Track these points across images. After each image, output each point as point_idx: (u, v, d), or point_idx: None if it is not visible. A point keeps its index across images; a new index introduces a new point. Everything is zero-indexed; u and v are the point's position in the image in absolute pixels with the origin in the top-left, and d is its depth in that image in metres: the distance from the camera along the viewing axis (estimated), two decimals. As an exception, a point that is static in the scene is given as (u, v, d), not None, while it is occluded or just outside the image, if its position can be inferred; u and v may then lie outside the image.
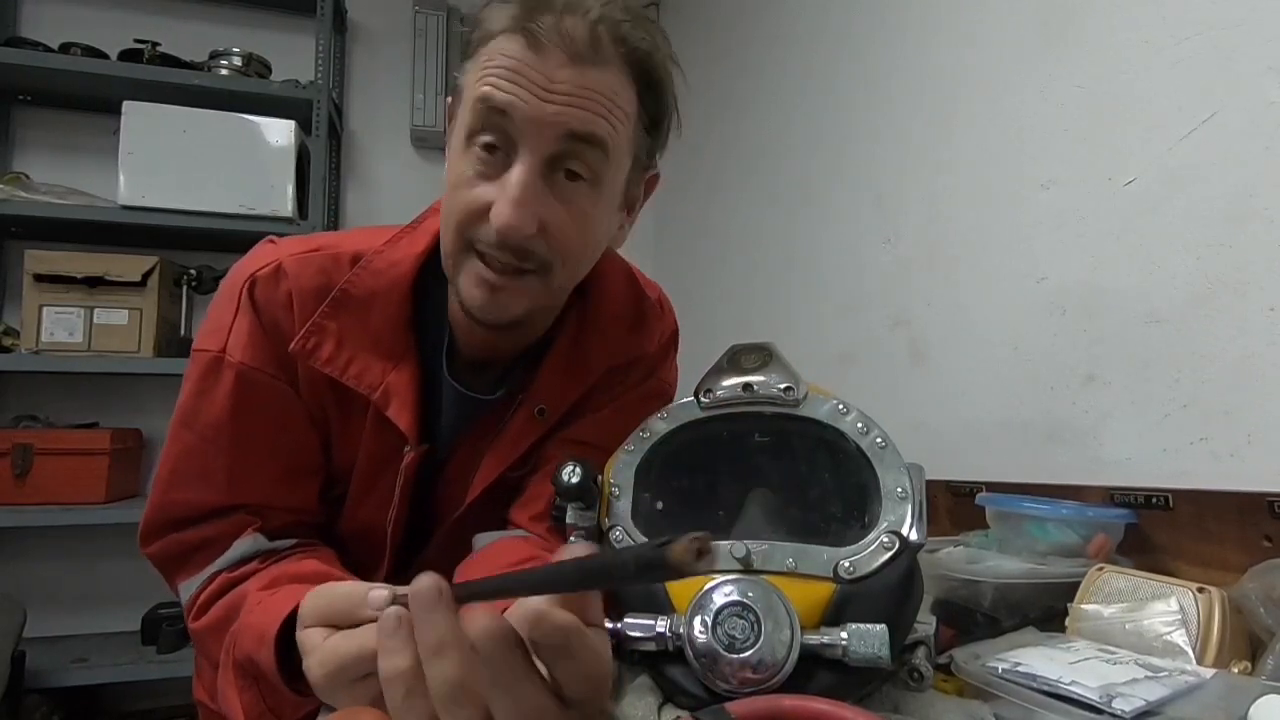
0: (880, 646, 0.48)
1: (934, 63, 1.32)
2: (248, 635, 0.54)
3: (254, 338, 0.66)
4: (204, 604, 0.65)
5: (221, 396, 0.65)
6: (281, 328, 0.66)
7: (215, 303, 0.69)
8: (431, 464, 0.74)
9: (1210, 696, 0.54)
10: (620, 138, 0.61)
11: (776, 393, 0.58)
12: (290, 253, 0.68)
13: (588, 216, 0.63)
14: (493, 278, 0.62)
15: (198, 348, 0.68)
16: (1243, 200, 0.81)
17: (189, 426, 0.67)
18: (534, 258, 0.61)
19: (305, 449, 0.70)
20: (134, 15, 2.30)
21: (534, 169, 0.58)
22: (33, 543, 2.11)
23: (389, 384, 0.67)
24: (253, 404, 0.66)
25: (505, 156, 0.59)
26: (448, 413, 0.73)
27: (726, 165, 2.11)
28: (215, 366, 0.66)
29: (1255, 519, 0.74)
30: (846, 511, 0.57)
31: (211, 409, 0.66)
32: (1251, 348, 0.80)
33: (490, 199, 0.59)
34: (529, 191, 0.58)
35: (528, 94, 0.57)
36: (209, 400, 0.66)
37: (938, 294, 1.28)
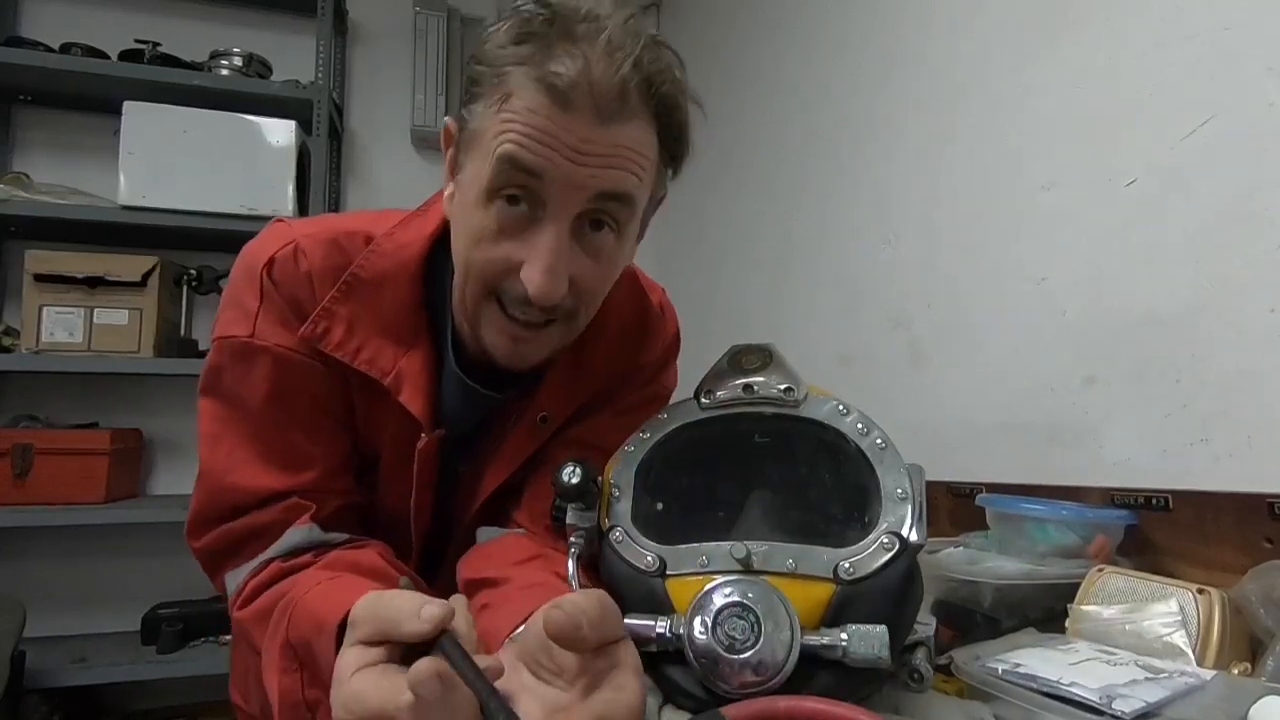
0: (880, 647, 0.48)
1: (934, 63, 1.32)
2: (305, 620, 0.52)
3: (282, 320, 0.65)
4: (252, 591, 0.62)
5: (260, 379, 0.64)
6: (305, 309, 0.65)
7: (232, 286, 0.68)
8: (453, 456, 0.74)
9: (1210, 698, 0.54)
10: (645, 187, 0.61)
11: (777, 393, 0.58)
12: (304, 233, 0.67)
13: (613, 264, 0.63)
14: (519, 332, 0.62)
15: (223, 335, 0.66)
16: (1243, 201, 0.81)
17: (230, 407, 0.66)
18: (560, 309, 0.62)
19: (345, 431, 0.70)
20: (134, 15, 2.29)
21: (565, 230, 0.57)
22: (33, 543, 2.11)
23: (401, 369, 0.66)
24: (293, 385, 0.65)
25: (531, 213, 0.58)
26: (452, 403, 0.72)
27: (726, 166, 2.11)
28: (247, 352, 0.65)
29: (1255, 520, 0.74)
30: (846, 512, 0.57)
31: (251, 392, 0.65)
32: (1251, 349, 0.80)
33: (518, 258, 0.58)
34: (562, 256, 0.57)
35: (559, 157, 0.55)
36: (249, 386, 0.65)
37: (938, 294, 1.28)
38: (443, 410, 0.72)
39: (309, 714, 0.53)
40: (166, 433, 2.25)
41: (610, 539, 0.58)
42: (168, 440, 2.25)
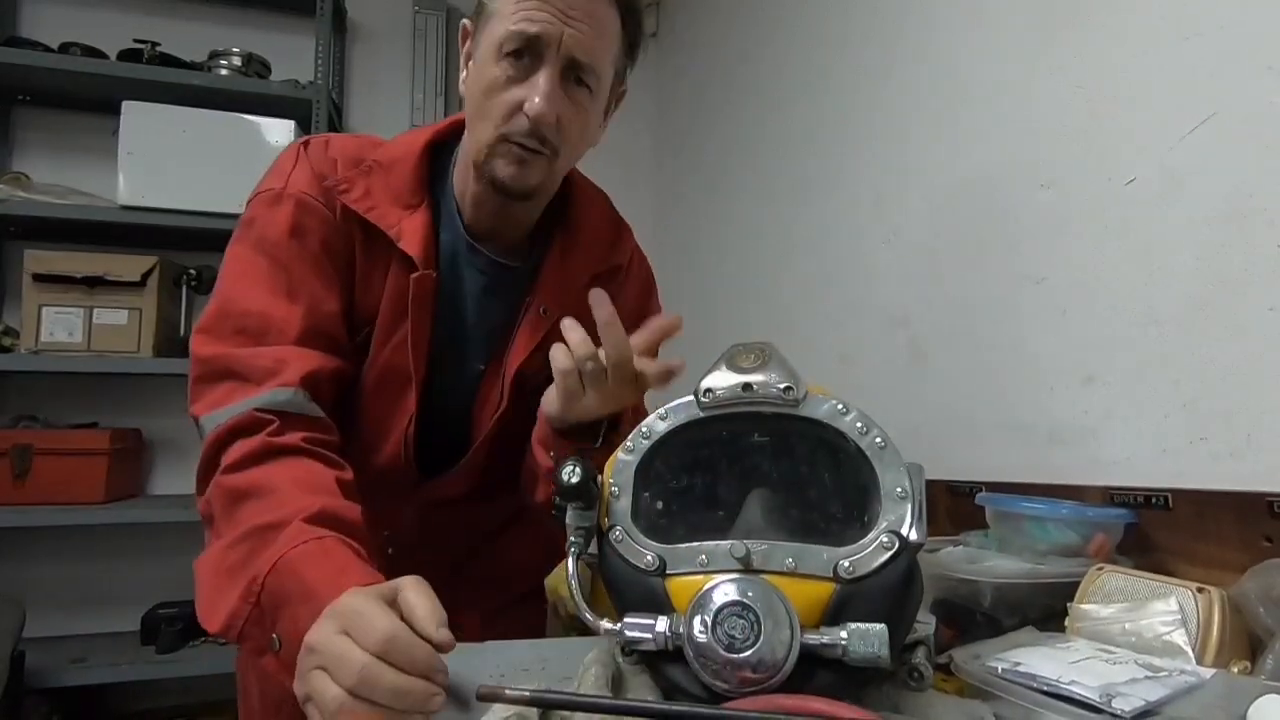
0: (880, 646, 0.48)
1: (933, 63, 1.32)
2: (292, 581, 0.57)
3: (309, 178, 0.80)
4: (240, 460, 0.67)
5: (283, 217, 0.78)
6: (328, 177, 0.81)
7: (275, 162, 0.84)
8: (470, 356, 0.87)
9: (1210, 696, 0.54)
10: (609, 56, 0.80)
11: (776, 392, 0.58)
12: (336, 136, 0.86)
13: (587, 115, 0.80)
14: (524, 155, 0.78)
15: (259, 190, 0.81)
16: (1242, 200, 0.81)
17: (253, 246, 0.78)
18: (549, 144, 0.78)
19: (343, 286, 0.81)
20: (133, 15, 2.29)
21: (556, 75, 0.76)
22: (32, 543, 2.11)
23: (403, 225, 0.81)
24: (309, 225, 0.79)
25: (531, 65, 0.76)
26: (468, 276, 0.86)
27: (726, 166, 2.11)
28: (277, 198, 0.79)
29: (1255, 519, 0.74)
30: (846, 511, 0.57)
31: (274, 228, 0.78)
32: (1251, 348, 0.80)
33: (522, 98, 0.76)
34: (555, 91, 0.75)
35: (552, 19, 0.74)
36: (271, 223, 0.78)
37: (938, 294, 1.28)
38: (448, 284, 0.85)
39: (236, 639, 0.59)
40: (166, 432, 2.25)
41: (610, 538, 0.58)
42: (167, 440, 2.25)
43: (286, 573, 0.58)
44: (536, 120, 0.75)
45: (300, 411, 0.73)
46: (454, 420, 0.88)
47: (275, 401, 0.71)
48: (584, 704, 0.47)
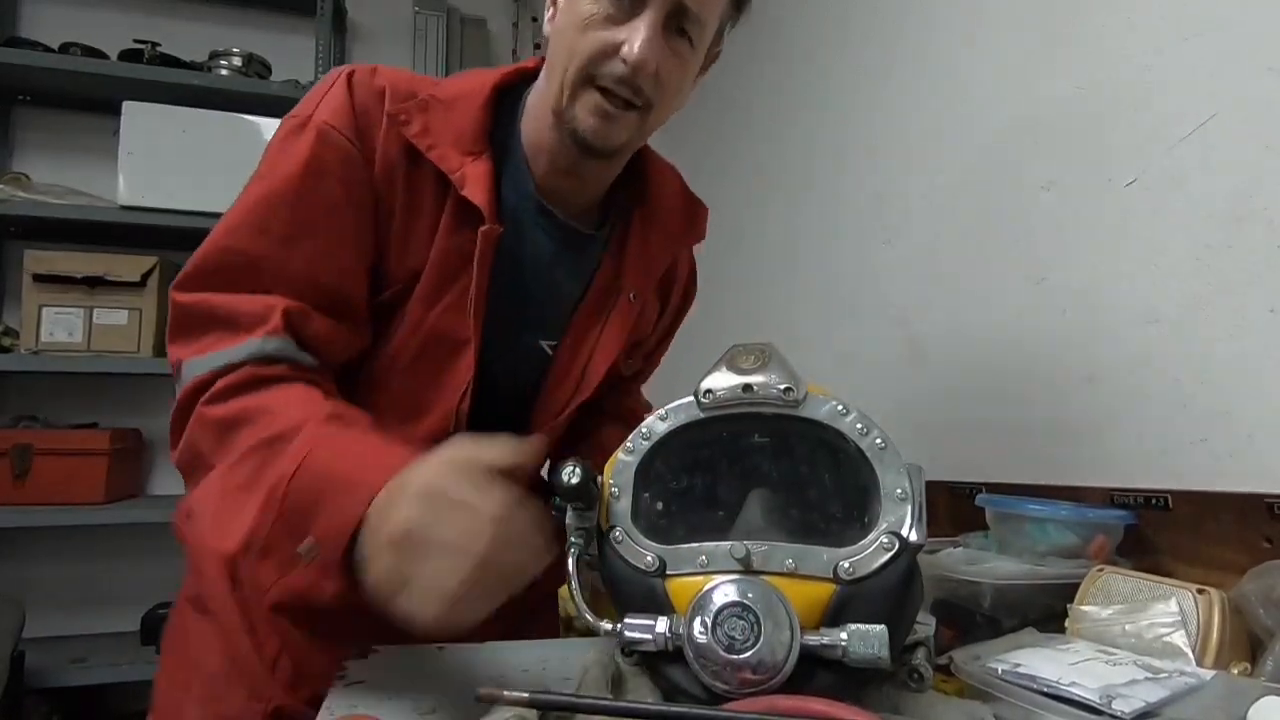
0: (880, 647, 0.48)
1: (934, 62, 1.32)
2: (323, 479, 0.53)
3: (343, 108, 0.70)
4: (223, 391, 0.62)
5: (300, 149, 0.68)
6: (370, 114, 0.70)
7: (311, 91, 0.73)
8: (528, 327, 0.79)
9: (1210, 698, 0.54)
10: (719, 8, 0.73)
11: (776, 393, 0.58)
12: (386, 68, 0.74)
13: (687, 69, 0.73)
14: (610, 109, 0.70)
15: (287, 118, 0.71)
16: (1243, 201, 0.81)
17: (263, 178, 0.69)
18: (643, 95, 0.70)
19: (363, 237, 0.71)
20: (134, 15, 2.30)
21: (660, 21, 0.68)
22: (32, 543, 2.11)
23: (467, 170, 0.71)
24: (327, 161, 0.68)
25: (633, 7, 0.68)
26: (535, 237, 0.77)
27: (725, 165, 2.11)
28: (300, 127, 0.69)
29: (1255, 520, 0.74)
30: (846, 512, 0.57)
31: (288, 162, 0.68)
32: (1251, 348, 0.80)
33: (619, 40, 0.68)
34: (658, 38, 0.68)
35: None
36: (287, 155, 0.68)
37: (938, 294, 1.28)
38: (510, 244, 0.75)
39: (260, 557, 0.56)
40: (166, 433, 2.23)
41: (610, 539, 0.58)
42: (167, 440, 2.25)
43: (316, 471, 0.54)
44: (635, 67, 0.67)
45: (295, 359, 0.66)
46: (506, 398, 0.79)
47: (264, 351, 0.64)
48: (583, 705, 0.47)
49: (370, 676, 0.63)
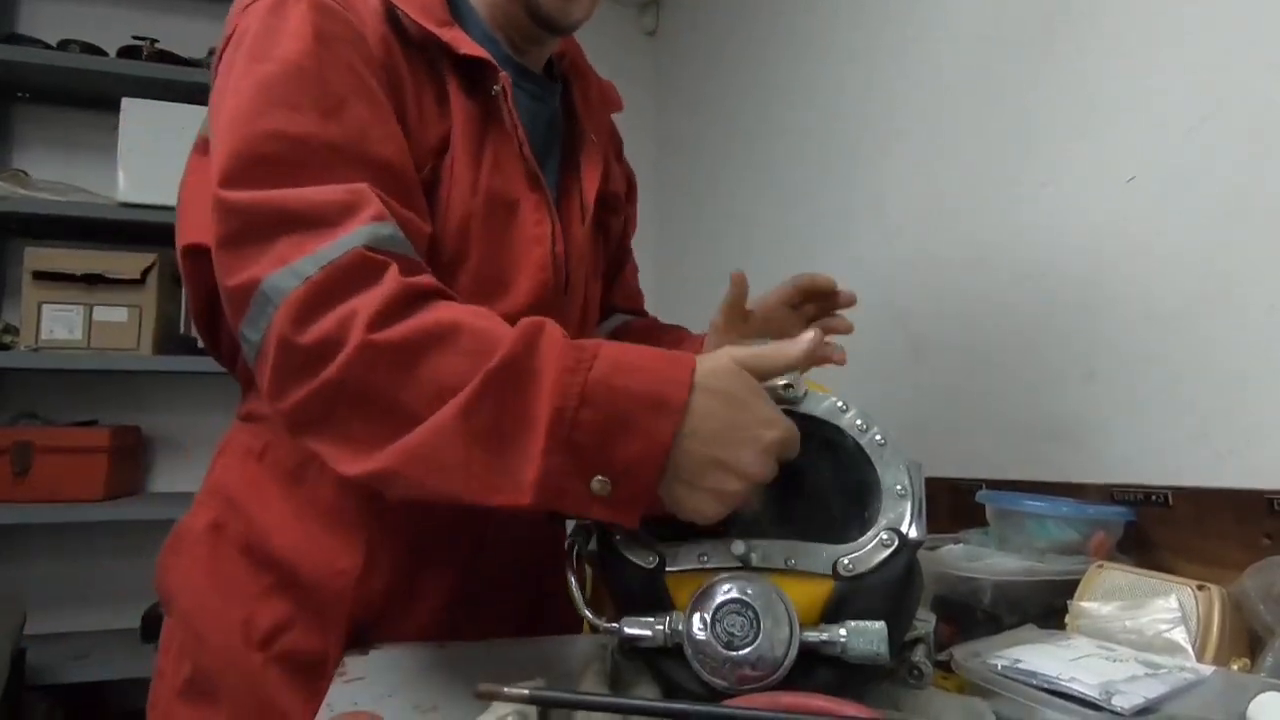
0: (879, 644, 0.48)
1: (934, 61, 1.32)
2: (621, 400, 0.48)
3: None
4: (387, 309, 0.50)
5: (296, 22, 0.59)
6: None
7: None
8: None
9: (1210, 693, 0.54)
10: None
11: (776, 390, 0.58)
12: None
13: None
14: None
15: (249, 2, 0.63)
16: (1243, 198, 0.81)
17: (262, 60, 0.58)
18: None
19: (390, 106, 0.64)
20: (132, 12, 2.29)
21: None
22: (32, 540, 2.11)
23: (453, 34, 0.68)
24: (335, 30, 0.61)
25: None
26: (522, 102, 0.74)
27: (725, 165, 2.11)
28: (280, 3, 0.61)
29: (1255, 516, 0.74)
30: (846, 509, 0.57)
31: (286, 36, 0.59)
32: (1251, 346, 0.80)
33: None
34: None
35: None
36: (281, 32, 0.59)
37: (938, 292, 1.28)
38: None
39: (556, 501, 0.49)
40: (166, 430, 2.25)
41: (610, 535, 0.57)
42: (167, 437, 2.25)
43: (605, 395, 0.48)
44: None
45: (410, 254, 0.56)
46: None
47: (381, 237, 0.54)
48: (583, 702, 0.47)
49: (370, 674, 0.63)
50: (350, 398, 0.51)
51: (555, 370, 0.49)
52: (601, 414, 0.48)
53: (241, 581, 0.70)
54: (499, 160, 0.71)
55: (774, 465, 0.52)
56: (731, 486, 0.51)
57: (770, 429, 0.52)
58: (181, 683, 0.71)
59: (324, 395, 0.51)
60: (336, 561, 0.69)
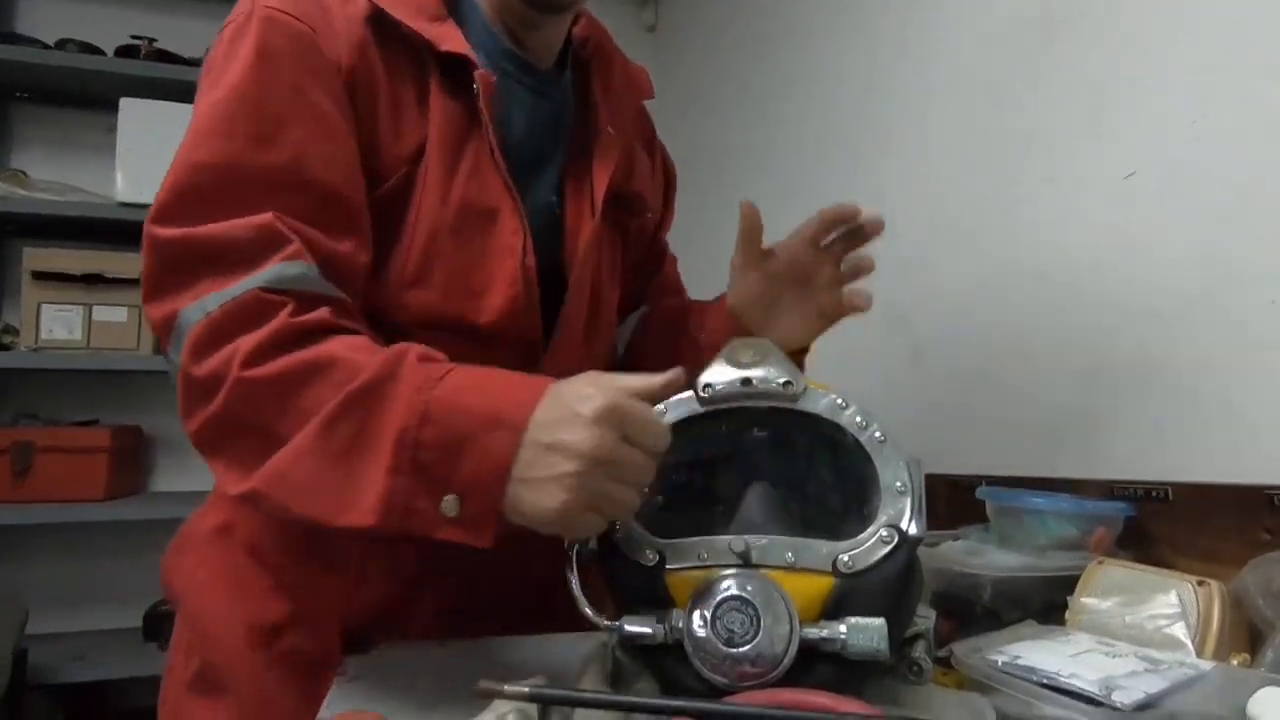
0: (879, 640, 0.48)
1: (934, 60, 1.32)
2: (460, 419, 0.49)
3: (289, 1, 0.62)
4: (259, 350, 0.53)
5: (248, 46, 0.60)
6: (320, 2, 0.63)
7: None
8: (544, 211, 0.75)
9: (1210, 688, 0.54)
10: None
11: (775, 387, 0.58)
12: None
13: None
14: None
15: (226, 24, 0.64)
16: (1243, 195, 0.81)
17: (213, 88, 0.60)
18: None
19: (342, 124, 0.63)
20: (131, 11, 2.28)
21: None
22: (33, 540, 2.11)
23: (438, 30, 0.66)
24: (277, 45, 0.60)
25: None
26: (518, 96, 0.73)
27: (725, 161, 2.11)
28: (242, 26, 0.62)
29: (1255, 512, 0.74)
30: (845, 505, 0.57)
31: (237, 63, 0.60)
32: (1252, 341, 0.80)
33: None
34: None
35: None
36: (234, 60, 0.60)
37: (938, 288, 1.28)
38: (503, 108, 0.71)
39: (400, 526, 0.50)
40: (166, 430, 2.24)
41: (610, 533, 0.57)
42: (168, 437, 2.25)
43: (447, 413, 0.49)
44: None
45: (319, 290, 0.58)
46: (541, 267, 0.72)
47: (284, 278, 0.56)
48: (583, 700, 0.47)
49: (371, 673, 0.63)
50: (231, 428, 0.55)
51: (408, 390, 0.51)
52: (444, 431, 0.49)
53: (247, 582, 0.70)
54: (479, 165, 0.68)
55: (608, 434, 0.48)
56: (565, 468, 0.48)
57: (587, 401, 0.49)
58: (191, 676, 0.73)
59: (212, 424, 0.55)
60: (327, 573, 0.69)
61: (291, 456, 0.52)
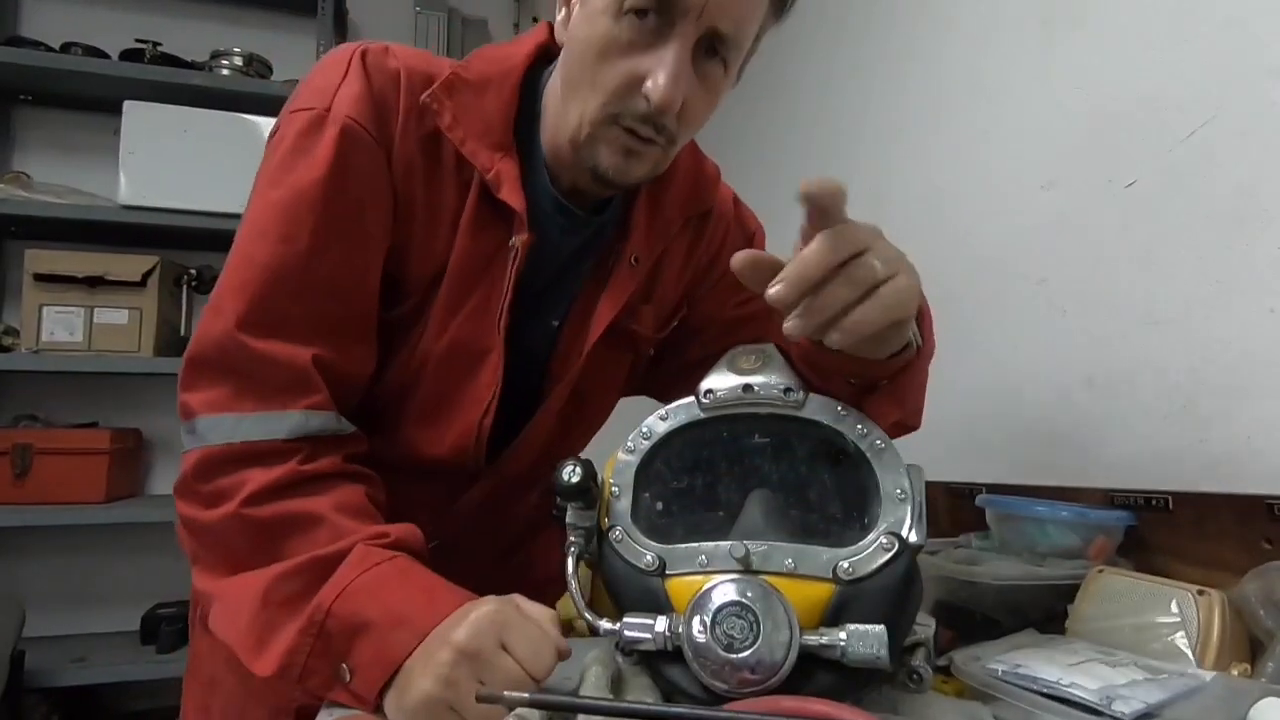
0: (879, 647, 0.48)
1: (934, 62, 1.32)
2: (371, 607, 0.53)
3: (363, 99, 0.64)
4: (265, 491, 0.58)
5: (323, 151, 0.62)
6: (388, 100, 0.65)
7: (317, 72, 0.67)
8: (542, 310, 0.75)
9: (1210, 699, 0.54)
10: (757, 22, 0.66)
11: (777, 394, 0.58)
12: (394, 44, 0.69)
13: (717, 94, 0.67)
14: (634, 145, 0.64)
15: (295, 109, 0.65)
16: (1243, 202, 0.81)
17: (276, 185, 0.63)
18: (667, 131, 0.64)
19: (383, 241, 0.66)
20: (135, 15, 2.30)
21: (689, 50, 0.61)
22: (32, 542, 2.11)
23: (500, 169, 0.66)
24: (356, 163, 0.63)
25: (659, 29, 0.60)
26: (552, 231, 0.72)
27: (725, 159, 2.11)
28: (318, 123, 0.63)
29: (1255, 521, 0.74)
30: (846, 513, 0.57)
31: (309, 166, 0.62)
32: (1251, 349, 0.80)
33: (643, 71, 0.61)
34: (685, 71, 0.61)
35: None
36: (307, 158, 0.62)
37: (937, 293, 1.28)
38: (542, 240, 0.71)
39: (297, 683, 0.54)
40: (166, 432, 2.25)
41: (610, 538, 0.58)
42: (167, 440, 2.25)
43: (362, 598, 0.53)
44: (660, 107, 0.60)
45: (336, 433, 0.63)
46: (520, 390, 0.75)
47: (308, 428, 0.61)
48: (583, 705, 0.47)
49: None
50: (215, 540, 0.60)
51: (346, 567, 0.55)
52: (357, 614, 0.53)
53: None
54: (488, 305, 0.69)
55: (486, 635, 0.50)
56: (440, 657, 0.49)
57: (480, 605, 0.52)
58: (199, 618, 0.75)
59: (200, 525, 0.60)
60: None
61: (245, 589, 0.57)
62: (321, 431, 0.62)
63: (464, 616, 0.51)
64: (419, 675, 0.50)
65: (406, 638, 0.52)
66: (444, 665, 0.49)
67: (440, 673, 0.49)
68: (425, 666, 0.50)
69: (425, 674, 0.49)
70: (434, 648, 0.50)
